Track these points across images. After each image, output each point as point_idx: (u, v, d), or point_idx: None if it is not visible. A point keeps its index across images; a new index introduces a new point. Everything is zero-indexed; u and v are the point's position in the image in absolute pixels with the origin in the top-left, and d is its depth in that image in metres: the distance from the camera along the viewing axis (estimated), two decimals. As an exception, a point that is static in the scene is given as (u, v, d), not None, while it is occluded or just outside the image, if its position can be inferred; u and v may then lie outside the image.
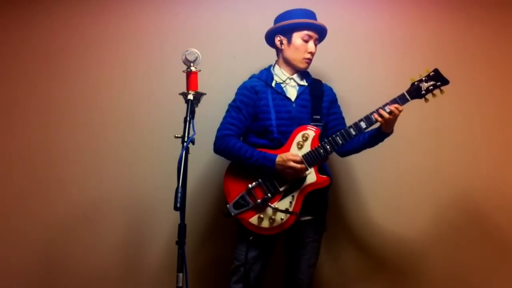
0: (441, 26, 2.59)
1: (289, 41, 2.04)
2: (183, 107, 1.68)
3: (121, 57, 2.57)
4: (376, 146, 2.06)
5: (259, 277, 2.05)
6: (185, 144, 1.58)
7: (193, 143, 1.62)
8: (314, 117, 2.04)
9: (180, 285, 1.55)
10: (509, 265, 2.56)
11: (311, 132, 1.99)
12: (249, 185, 1.97)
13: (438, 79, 1.96)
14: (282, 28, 2.04)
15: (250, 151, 1.96)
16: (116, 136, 2.54)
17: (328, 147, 1.96)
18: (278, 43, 2.08)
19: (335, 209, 2.47)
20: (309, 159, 1.96)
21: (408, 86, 1.97)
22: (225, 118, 2.07)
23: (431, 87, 1.95)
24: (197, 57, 1.70)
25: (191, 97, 1.69)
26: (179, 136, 1.62)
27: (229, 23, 2.55)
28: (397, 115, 1.92)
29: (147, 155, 2.53)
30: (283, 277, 2.18)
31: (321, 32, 2.08)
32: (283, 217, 1.95)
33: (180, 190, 1.48)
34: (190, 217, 1.72)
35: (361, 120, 1.95)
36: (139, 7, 2.58)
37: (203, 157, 2.41)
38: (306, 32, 2.02)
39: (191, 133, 1.62)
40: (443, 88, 1.97)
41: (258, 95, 2.04)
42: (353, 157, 2.22)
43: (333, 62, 2.51)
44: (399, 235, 2.55)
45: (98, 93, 2.56)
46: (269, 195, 1.96)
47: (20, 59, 2.57)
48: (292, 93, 2.07)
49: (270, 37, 2.12)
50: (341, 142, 1.96)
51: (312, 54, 2.05)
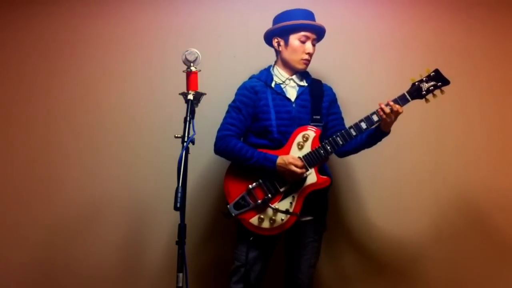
0: (441, 26, 2.59)
1: (286, 42, 2.03)
2: (183, 107, 1.67)
3: (121, 57, 2.56)
4: (375, 146, 2.06)
5: (259, 277, 2.05)
6: (185, 144, 1.58)
7: (193, 143, 1.62)
8: (314, 117, 2.04)
9: (180, 285, 1.54)
10: (509, 265, 2.56)
11: (311, 132, 1.99)
12: (250, 186, 1.97)
13: (438, 79, 1.96)
14: (279, 29, 2.04)
15: (250, 152, 1.96)
16: (116, 136, 2.54)
17: (328, 147, 1.96)
18: (275, 44, 2.07)
19: (335, 209, 2.47)
20: (310, 160, 1.96)
21: (408, 86, 1.97)
22: (225, 118, 2.06)
23: (432, 88, 1.95)
24: (197, 57, 1.69)
25: (191, 97, 1.68)
26: (179, 136, 1.62)
27: (229, 23, 2.55)
28: (397, 113, 1.91)
29: (147, 155, 2.53)
30: (283, 277, 2.18)
31: (318, 32, 2.06)
32: (283, 218, 1.95)
33: (180, 190, 1.48)
34: (190, 217, 1.71)
35: (361, 120, 1.95)
36: (139, 7, 2.57)
37: (203, 157, 2.41)
38: (303, 33, 2.01)
39: (191, 133, 1.62)
40: (443, 88, 1.96)
41: (257, 95, 2.04)
42: (353, 158, 2.22)
43: (333, 62, 2.51)
44: (399, 235, 2.55)
45: (98, 93, 2.55)
46: (269, 195, 1.95)
47: (20, 59, 2.56)
48: (291, 93, 2.07)
49: (268, 39, 2.12)
50: (341, 142, 1.96)
51: (310, 54, 2.03)
